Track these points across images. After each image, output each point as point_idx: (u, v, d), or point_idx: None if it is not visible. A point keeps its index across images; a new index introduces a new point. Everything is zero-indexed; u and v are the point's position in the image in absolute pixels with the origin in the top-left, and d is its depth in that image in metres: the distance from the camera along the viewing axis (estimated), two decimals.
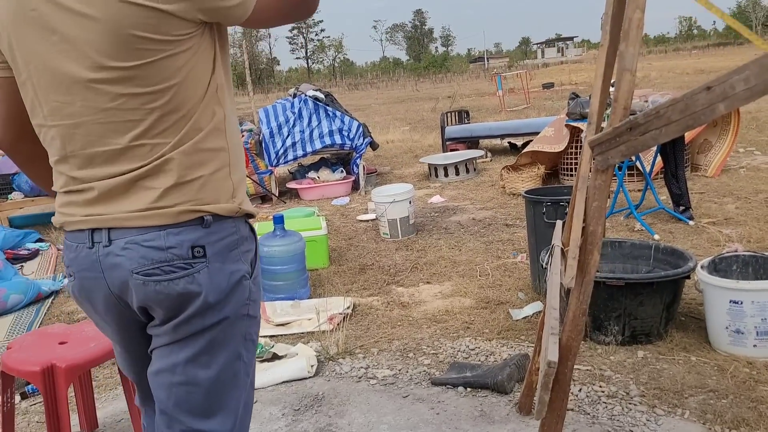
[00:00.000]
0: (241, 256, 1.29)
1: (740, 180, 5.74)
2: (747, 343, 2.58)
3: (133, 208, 1.20)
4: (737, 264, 2.89)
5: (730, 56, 33.58)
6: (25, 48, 1.19)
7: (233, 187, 1.27)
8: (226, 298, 1.26)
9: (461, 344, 3.02)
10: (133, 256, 1.20)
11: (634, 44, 1.36)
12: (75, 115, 1.19)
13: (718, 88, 1.27)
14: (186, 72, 1.18)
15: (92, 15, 1.11)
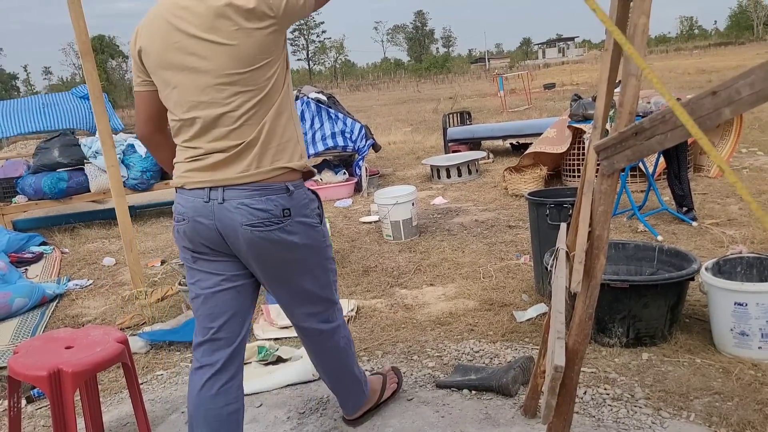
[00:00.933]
0: (311, 212, 1.92)
1: (743, 180, 5.74)
2: (752, 345, 2.58)
3: (238, 171, 1.78)
4: (741, 266, 2.89)
5: (731, 56, 33.54)
6: (172, 67, 1.77)
7: (300, 152, 1.89)
8: (307, 239, 1.90)
9: (465, 346, 3.02)
10: (244, 214, 1.78)
11: (639, 49, 1.36)
12: (205, 108, 1.76)
13: (724, 93, 1.27)
14: (276, 73, 1.79)
15: (219, 41, 1.70)
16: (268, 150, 1.80)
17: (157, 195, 7.67)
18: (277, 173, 1.81)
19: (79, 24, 3.69)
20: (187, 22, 1.72)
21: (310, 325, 2.10)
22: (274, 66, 1.78)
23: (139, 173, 6.62)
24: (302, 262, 1.93)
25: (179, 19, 1.74)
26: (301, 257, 1.91)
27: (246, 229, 1.79)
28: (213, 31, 1.70)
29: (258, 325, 3.46)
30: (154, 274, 4.77)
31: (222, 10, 1.68)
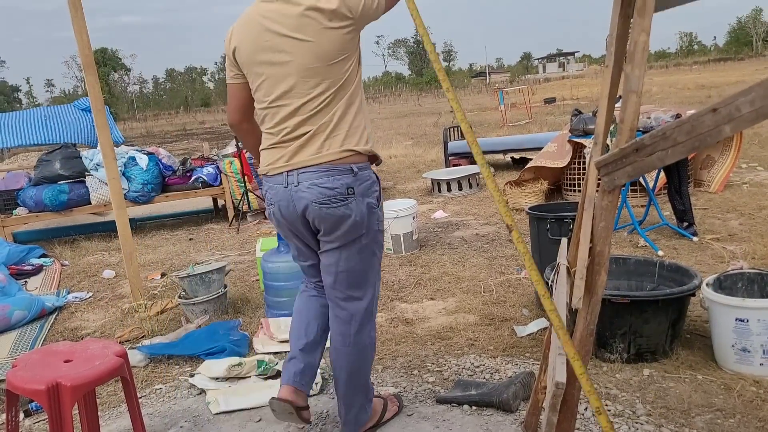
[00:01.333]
0: (373, 194, 2.15)
1: (743, 196, 5.74)
2: (753, 362, 2.56)
3: (311, 153, 2.06)
4: (742, 281, 2.89)
5: (730, 71, 33.68)
6: (263, 62, 2.06)
7: (366, 138, 2.13)
8: (365, 219, 2.12)
9: (466, 361, 3.01)
10: (313, 192, 2.05)
11: (639, 66, 1.37)
12: (289, 97, 2.05)
13: (724, 110, 1.28)
14: (350, 68, 2.07)
15: (305, 38, 1.98)
16: (338, 134, 2.07)
17: (157, 207, 7.70)
18: (345, 155, 2.07)
19: (82, 38, 3.72)
20: (277, 23, 2.02)
21: (347, 308, 2.26)
22: (349, 62, 2.06)
23: (140, 186, 6.63)
24: (355, 240, 2.15)
25: (269, 20, 2.04)
26: (356, 234, 2.14)
27: (315, 206, 2.07)
28: (299, 30, 1.99)
29: (258, 339, 3.45)
30: (154, 287, 4.76)
31: (307, 11, 1.97)
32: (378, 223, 2.21)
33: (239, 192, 6.94)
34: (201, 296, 3.82)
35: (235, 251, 5.82)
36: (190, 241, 6.45)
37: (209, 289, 3.85)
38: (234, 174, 6.98)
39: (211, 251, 5.90)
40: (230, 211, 7.04)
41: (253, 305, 4.12)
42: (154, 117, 61.04)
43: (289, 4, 2.01)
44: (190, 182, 7.04)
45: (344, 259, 2.18)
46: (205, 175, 7.05)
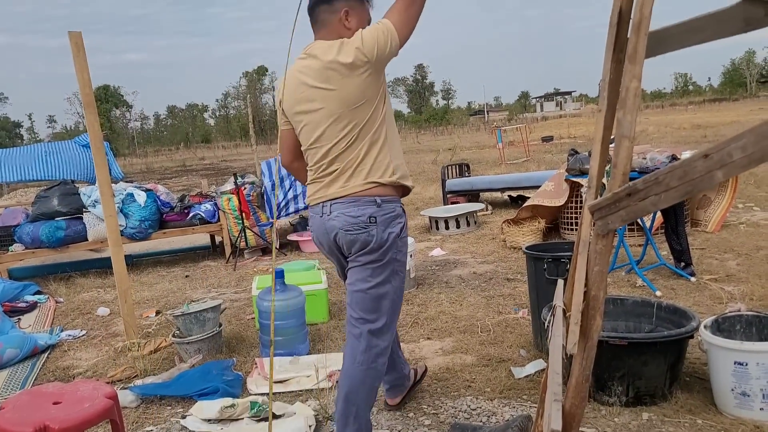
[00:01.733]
0: (396, 225, 2.35)
1: (740, 236, 5.75)
2: (753, 406, 2.53)
3: (340, 185, 2.32)
4: (741, 324, 2.86)
5: (725, 111, 34.08)
6: (301, 111, 2.36)
7: (391, 171, 2.34)
8: (385, 246, 2.32)
9: (462, 404, 2.96)
10: (341, 220, 2.31)
11: (631, 112, 1.38)
12: (322, 140, 2.33)
13: (716, 156, 1.28)
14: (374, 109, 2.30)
15: (331, 88, 2.26)
16: (364, 169, 2.31)
17: (154, 244, 7.67)
18: (369, 186, 2.31)
19: (84, 76, 3.76)
20: (308, 76, 2.31)
21: (358, 326, 2.41)
22: (372, 103, 2.29)
23: (138, 222, 6.62)
24: (371, 263, 2.34)
25: (303, 74, 2.33)
26: (373, 259, 2.34)
27: (342, 232, 2.33)
28: (325, 81, 2.27)
29: (252, 380, 3.40)
30: (149, 325, 4.72)
31: (330, 64, 2.24)
32: (397, 253, 2.38)
33: (237, 229, 6.94)
34: (195, 335, 3.78)
35: (232, 289, 5.78)
36: (186, 278, 6.42)
37: (204, 327, 3.81)
38: (232, 211, 6.98)
39: (207, 289, 5.87)
40: (227, 248, 7.03)
41: (248, 344, 4.08)
42: (154, 153, 61.47)
43: (316, 60, 2.29)
44: (187, 219, 7.04)
45: (360, 280, 2.37)
46: (203, 212, 7.05)
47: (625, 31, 1.62)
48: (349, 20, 2.33)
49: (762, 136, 1.24)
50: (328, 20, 2.35)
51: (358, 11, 2.36)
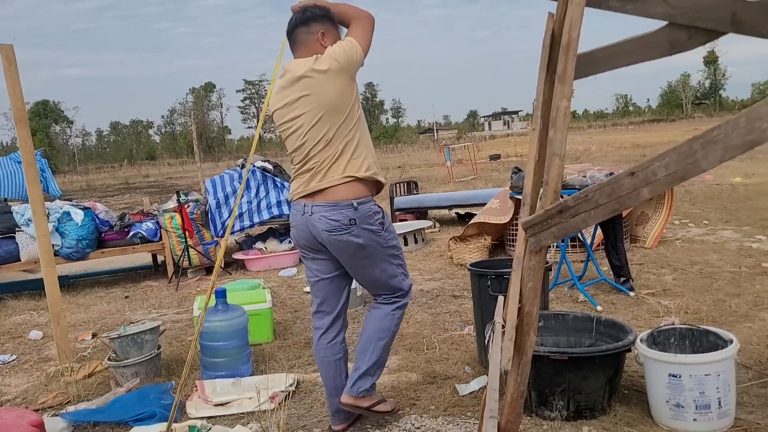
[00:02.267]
0: (375, 222, 2.66)
1: (677, 251, 5.95)
2: (687, 417, 2.59)
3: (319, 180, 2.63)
4: (675, 337, 2.94)
5: (663, 131, 35.46)
6: (287, 120, 2.66)
7: (366, 166, 2.64)
8: (371, 241, 2.65)
9: (407, 423, 2.94)
10: (323, 222, 2.60)
11: (561, 130, 1.41)
12: (307, 142, 2.62)
13: (642, 174, 1.32)
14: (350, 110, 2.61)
15: (310, 93, 2.57)
16: (341, 164, 2.60)
17: (92, 264, 7.42)
18: (346, 180, 2.60)
19: (15, 91, 3.62)
20: (288, 90, 2.64)
21: (385, 298, 2.87)
22: (348, 106, 2.60)
23: (75, 242, 6.39)
24: (369, 258, 2.69)
25: (284, 89, 2.66)
26: (368, 254, 2.67)
27: (326, 233, 2.62)
28: (304, 89, 2.58)
29: (191, 403, 3.30)
30: (84, 349, 4.53)
31: (307, 73, 2.57)
32: (386, 241, 2.73)
33: (180, 248, 6.77)
34: (132, 358, 3.65)
35: (174, 309, 5.63)
36: (125, 299, 6.21)
37: (141, 350, 3.68)
38: (175, 229, 6.82)
39: (147, 310, 5.69)
40: (170, 268, 6.85)
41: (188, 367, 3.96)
42: (96, 170, 59.69)
43: (293, 74, 2.63)
44: (128, 238, 6.84)
45: (366, 274, 2.77)
46: (144, 231, 6.86)
47: (557, 52, 1.66)
48: (325, 40, 2.69)
49: (683, 156, 1.28)
50: (306, 40, 2.70)
51: (332, 33, 2.73)
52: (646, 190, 1.29)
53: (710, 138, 1.26)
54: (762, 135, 1.23)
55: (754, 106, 1.24)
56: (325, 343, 2.87)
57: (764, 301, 4.23)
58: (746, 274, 4.93)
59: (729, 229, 6.81)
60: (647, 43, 1.67)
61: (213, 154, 67.06)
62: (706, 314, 4.06)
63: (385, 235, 2.72)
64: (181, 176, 35.36)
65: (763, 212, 7.51)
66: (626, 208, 1.32)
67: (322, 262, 2.78)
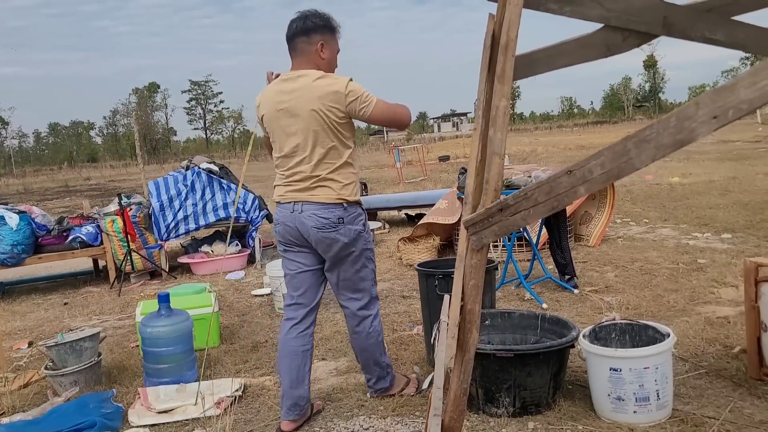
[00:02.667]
0: (359, 223, 2.88)
1: (618, 249, 6.12)
2: (627, 410, 2.66)
3: (311, 194, 2.79)
4: (615, 332, 3.03)
5: (606, 133, 36.49)
6: (281, 124, 2.81)
7: (355, 190, 2.86)
8: (353, 241, 2.85)
9: (355, 424, 2.93)
10: (313, 220, 2.78)
11: (501, 130, 1.43)
12: (299, 152, 2.79)
13: (578, 172, 1.35)
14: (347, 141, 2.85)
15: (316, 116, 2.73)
16: (334, 185, 2.79)
17: (29, 270, 7.14)
18: (339, 201, 2.80)
19: None
20: (292, 97, 2.76)
21: (349, 306, 3.03)
22: (345, 136, 2.82)
23: (9, 247, 6.13)
24: (349, 256, 2.88)
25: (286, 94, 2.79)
26: (348, 252, 2.87)
27: (314, 230, 2.80)
28: (311, 105, 2.73)
29: (133, 411, 3.21)
30: (20, 358, 4.35)
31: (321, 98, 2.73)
32: (366, 243, 2.93)
33: (122, 252, 6.58)
34: (70, 366, 3.52)
35: (116, 315, 5.46)
36: (65, 305, 6.00)
37: (80, 358, 3.56)
38: (116, 233, 6.62)
39: (88, 316, 5.51)
40: (112, 273, 6.65)
41: (130, 373, 3.85)
42: (34, 173, 57.45)
43: (305, 85, 2.76)
44: (66, 242, 6.60)
45: (342, 272, 2.93)
46: (84, 235, 6.63)
47: (498, 53, 1.68)
48: (324, 51, 2.82)
49: (618, 154, 1.32)
50: (305, 50, 2.81)
51: (331, 44, 2.86)
52: (582, 188, 1.32)
53: (643, 137, 1.29)
54: (690, 134, 1.27)
55: (683, 107, 1.28)
56: (296, 333, 2.97)
57: (700, 296, 4.39)
58: (683, 270, 5.11)
59: (667, 227, 7.06)
60: (584, 44, 1.70)
61: (158, 155, 65.50)
62: (646, 309, 4.19)
63: (366, 236, 2.93)
64: (124, 179, 34.41)
65: (699, 211, 7.81)
66: (564, 205, 1.34)
67: (307, 255, 2.94)
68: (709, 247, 5.82)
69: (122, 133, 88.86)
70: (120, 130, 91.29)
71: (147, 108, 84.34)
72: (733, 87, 1.22)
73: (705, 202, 8.45)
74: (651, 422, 2.65)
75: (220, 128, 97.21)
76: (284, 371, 2.95)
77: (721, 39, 1.52)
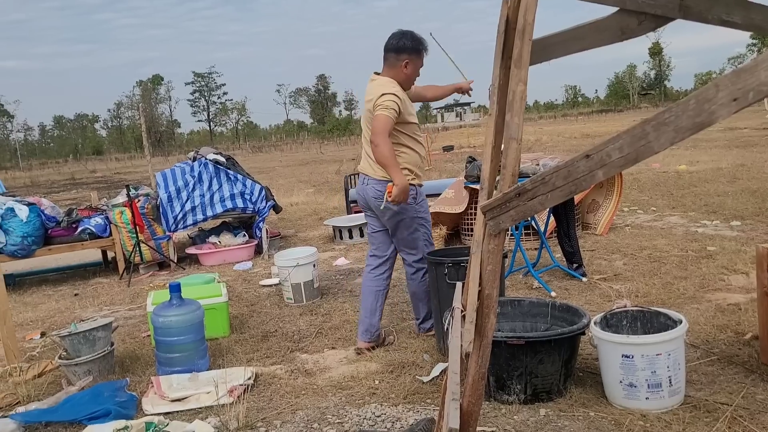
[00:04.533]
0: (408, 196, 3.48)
1: (626, 237, 6.11)
2: (640, 396, 2.67)
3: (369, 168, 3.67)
4: (627, 319, 3.03)
5: (611, 122, 36.35)
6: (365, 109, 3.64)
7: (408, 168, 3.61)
8: (402, 210, 3.59)
9: (367, 411, 2.95)
10: (373, 192, 3.64)
11: (518, 114, 1.42)
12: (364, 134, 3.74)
13: (596, 156, 1.35)
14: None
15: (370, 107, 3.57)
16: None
17: (39, 261, 7.18)
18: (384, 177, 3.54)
19: None
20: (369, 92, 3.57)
21: (407, 259, 3.80)
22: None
23: (20, 239, 6.16)
24: (401, 222, 3.63)
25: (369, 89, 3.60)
26: (400, 219, 3.62)
27: (372, 199, 3.62)
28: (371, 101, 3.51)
29: (147, 399, 3.23)
30: (33, 348, 4.39)
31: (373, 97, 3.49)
32: (415, 212, 3.64)
33: (130, 243, 6.61)
34: (84, 356, 3.55)
35: (126, 306, 5.49)
36: (75, 296, 6.03)
37: (93, 347, 3.58)
38: (125, 224, 6.65)
39: (98, 307, 5.54)
40: (121, 264, 6.68)
41: (143, 363, 3.88)
42: (40, 166, 57.63)
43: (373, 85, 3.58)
44: (76, 234, 6.63)
45: (398, 233, 3.70)
46: (93, 226, 6.66)
47: (512, 38, 1.67)
48: (407, 68, 3.55)
49: (636, 138, 1.31)
50: (393, 63, 3.55)
51: (415, 62, 3.58)
52: (601, 171, 1.32)
53: (662, 120, 1.29)
54: (710, 117, 1.27)
55: (702, 89, 1.27)
56: (372, 276, 3.81)
57: (710, 283, 4.39)
58: (692, 258, 5.10)
59: (675, 215, 7.04)
60: (599, 28, 1.69)
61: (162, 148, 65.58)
62: (656, 297, 4.19)
63: (416, 207, 3.63)
64: (129, 171, 34.50)
65: (707, 198, 7.78)
66: (582, 190, 1.34)
67: (375, 218, 3.74)
68: (718, 235, 5.81)
69: (126, 126, 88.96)
70: (124, 122, 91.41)
71: (151, 100, 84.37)
72: (754, 69, 1.21)
73: (713, 189, 8.42)
74: (663, 408, 2.66)
75: (223, 120, 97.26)
76: (362, 303, 3.82)
77: (737, 21, 1.51)
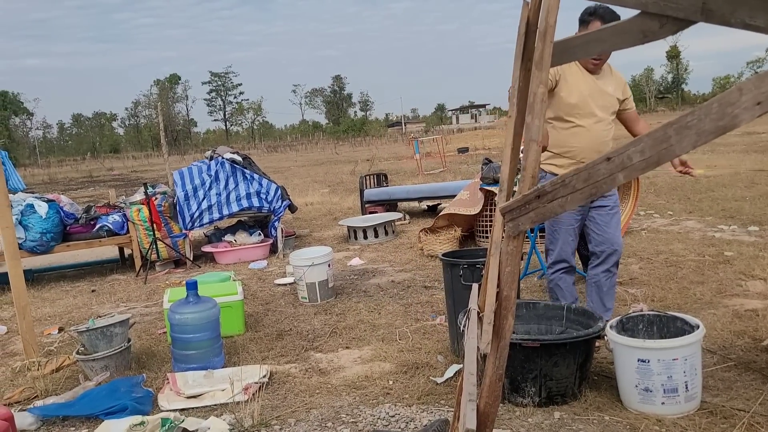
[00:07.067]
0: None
1: (642, 241, 6.07)
2: (655, 401, 2.66)
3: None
4: (643, 323, 3.01)
5: None
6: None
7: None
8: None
9: (381, 411, 2.96)
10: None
11: (539, 116, 1.43)
12: None
13: (617, 159, 1.34)
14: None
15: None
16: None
17: (57, 258, 7.27)
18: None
19: None
20: None
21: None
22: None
23: (38, 235, 6.24)
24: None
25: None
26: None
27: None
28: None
29: (163, 396, 3.26)
30: (51, 343, 4.44)
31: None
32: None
33: (147, 241, 6.67)
34: (101, 351, 3.59)
35: (142, 303, 5.55)
36: (92, 293, 6.10)
37: (111, 343, 3.63)
38: (142, 222, 6.71)
39: (115, 303, 5.60)
40: (137, 261, 6.74)
41: (159, 359, 3.92)
42: (58, 163, 58.28)
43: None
44: (94, 231, 6.70)
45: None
46: (111, 224, 6.73)
47: (532, 40, 1.67)
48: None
49: (658, 141, 1.31)
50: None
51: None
52: (621, 174, 1.32)
53: (684, 123, 1.28)
54: (733, 121, 1.26)
55: (725, 93, 1.27)
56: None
57: (727, 289, 4.35)
58: (709, 263, 5.06)
59: (692, 220, 6.98)
60: (620, 31, 1.69)
61: (179, 147, 66.09)
62: (672, 302, 4.16)
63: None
64: (146, 169, 34.80)
65: (724, 203, 7.71)
66: (603, 192, 1.34)
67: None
68: (736, 240, 5.75)
69: (144, 125, 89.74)
70: (141, 121, 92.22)
71: (168, 99, 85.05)
72: None
73: (731, 194, 8.33)
74: (679, 414, 2.64)
75: (239, 119, 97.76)
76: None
77: (762, 25, 1.50)
